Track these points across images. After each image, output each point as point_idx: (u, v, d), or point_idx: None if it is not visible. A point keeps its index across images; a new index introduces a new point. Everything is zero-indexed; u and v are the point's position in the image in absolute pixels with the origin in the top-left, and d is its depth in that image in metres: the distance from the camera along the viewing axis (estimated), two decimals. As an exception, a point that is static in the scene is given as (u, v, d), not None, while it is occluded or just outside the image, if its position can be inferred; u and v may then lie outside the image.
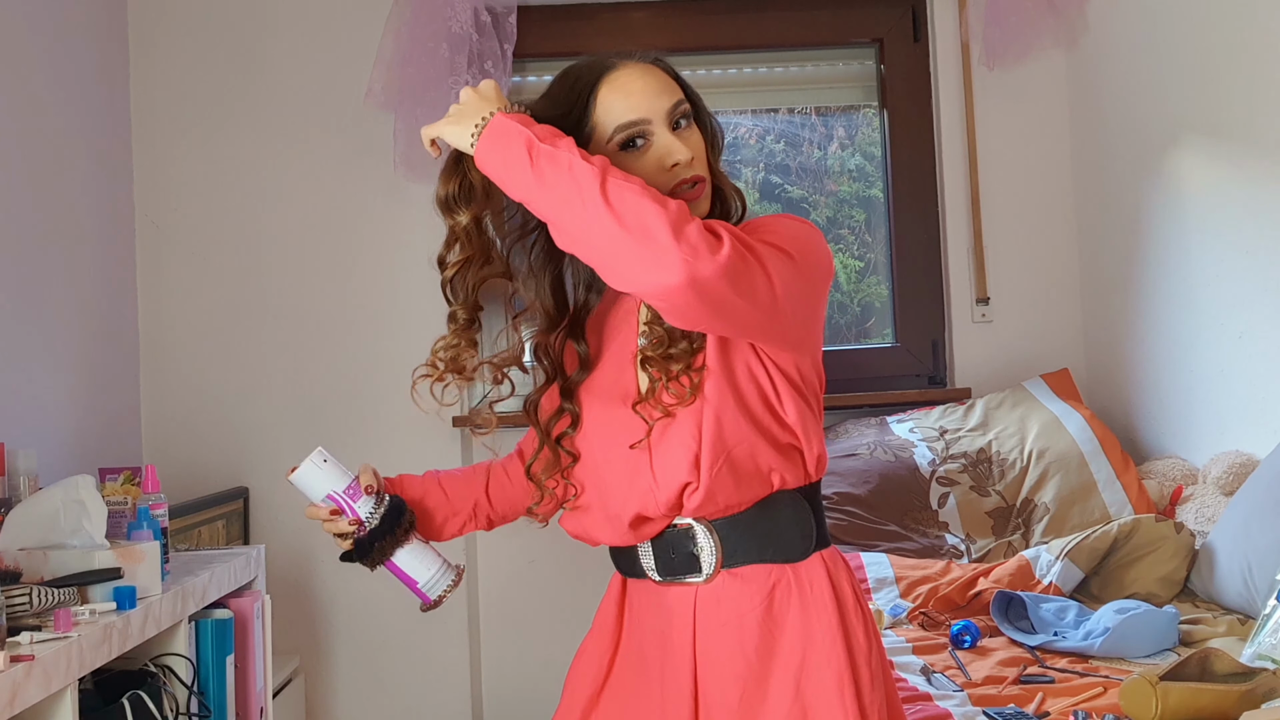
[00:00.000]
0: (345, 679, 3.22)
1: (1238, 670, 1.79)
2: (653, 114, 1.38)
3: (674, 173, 1.37)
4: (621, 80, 1.39)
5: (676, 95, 1.41)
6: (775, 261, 1.27)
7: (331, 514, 1.47)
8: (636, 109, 1.37)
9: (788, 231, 1.33)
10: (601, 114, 1.38)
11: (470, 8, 3.11)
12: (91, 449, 2.78)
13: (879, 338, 3.51)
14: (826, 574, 1.39)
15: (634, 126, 1.37)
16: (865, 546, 2.74)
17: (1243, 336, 2.65)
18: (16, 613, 1.59)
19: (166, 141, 3.20)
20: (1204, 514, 2.59)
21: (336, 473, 1.46)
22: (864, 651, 1.38)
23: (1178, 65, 2.83)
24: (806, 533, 1.40)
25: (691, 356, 1.36)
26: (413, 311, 3.23)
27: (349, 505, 1.44)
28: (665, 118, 1.38)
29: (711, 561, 1.39)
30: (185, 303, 3.20)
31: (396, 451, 3.22)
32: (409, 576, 1.47)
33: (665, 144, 1.38)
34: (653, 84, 1.39)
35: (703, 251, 1.19)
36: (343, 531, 1.47)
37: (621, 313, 1.47)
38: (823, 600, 1.38)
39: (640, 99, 1.38)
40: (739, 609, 1.38)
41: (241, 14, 3.24)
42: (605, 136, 1.38)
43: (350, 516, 1.44)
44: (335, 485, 1.45)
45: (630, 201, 1.21)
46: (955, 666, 2.14)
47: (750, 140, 3.56)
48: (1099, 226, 3.26)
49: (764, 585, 1.38)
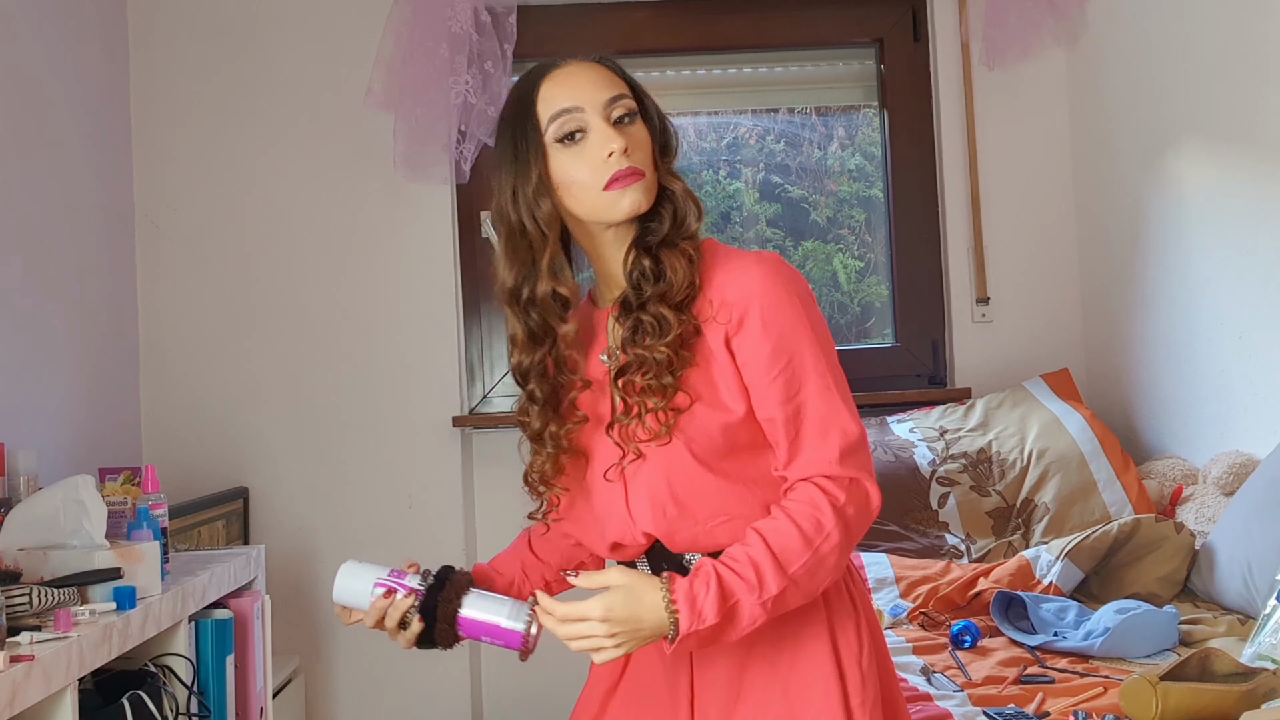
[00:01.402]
0: (345, 679, 3.22)
1: (1238, 670, 1.79)
2: (587, 104, 1.38)
3: (609, 162, 1.36)
4: (561, 75, 1.40)
5: (617, 90, 1.40)
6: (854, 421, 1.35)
7: (385, 597, 1.40)
8: (570, 97, 1.38)
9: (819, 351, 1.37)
10: (542, 108, 1.39)
11: (470, 8, 3.11)
12: (91, 449, 2.78)
13: (879, 338, 3.51)
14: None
15: (566, 114, 1.38)
16: (865, 546, 2.74)
17: (1243, 337, 2.65)
18: (16, 613, 1.59)
19: (166, 141, 3.20)
20: (1204, 514, 2.59)
21: (373, 567, 1.43)
22: (854, 652, 1.38)
23: (1178, 65, 2.83)
24: None
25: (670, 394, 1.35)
26: (413, 311, 3.23)
27: (398, 583, 1.40)
28: (602, 109, 1.38)
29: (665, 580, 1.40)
30: (185, 303, 3.20)
31: (396, 451, 3.23)
32: (487, 622, 1.37)
33: (601, 135, 1.37)
34: (592, 78, 1.40)
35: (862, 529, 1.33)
36: (404, 609, 1.40)
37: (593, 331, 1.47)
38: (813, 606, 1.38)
39: (576, 89, 1.39)
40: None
41: (242, 14, 3.24)
42: (543, 128, 1.39)
43: (404, 591, 1.39)
44: (377, 574, 1.42)
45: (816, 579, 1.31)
46: (955, 666, 2.14)
47: (750, 140, 3.56)
48: (1099, 226, 3.26)
49: None
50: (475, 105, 3.11)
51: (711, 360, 1.36)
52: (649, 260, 1.39)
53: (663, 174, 1.42)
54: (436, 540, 3.21)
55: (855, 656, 1.38)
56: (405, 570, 1.43)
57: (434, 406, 3.23)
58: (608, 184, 1.37)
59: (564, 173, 1.39)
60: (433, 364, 3.24)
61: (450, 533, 3.22)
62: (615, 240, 1.43)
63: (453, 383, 3.24)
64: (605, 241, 1.43)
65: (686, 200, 1.42)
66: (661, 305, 1.36)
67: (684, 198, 1.42)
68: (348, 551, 3.25)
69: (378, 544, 3.20)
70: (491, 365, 3.38)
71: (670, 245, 1.39)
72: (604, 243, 1.43)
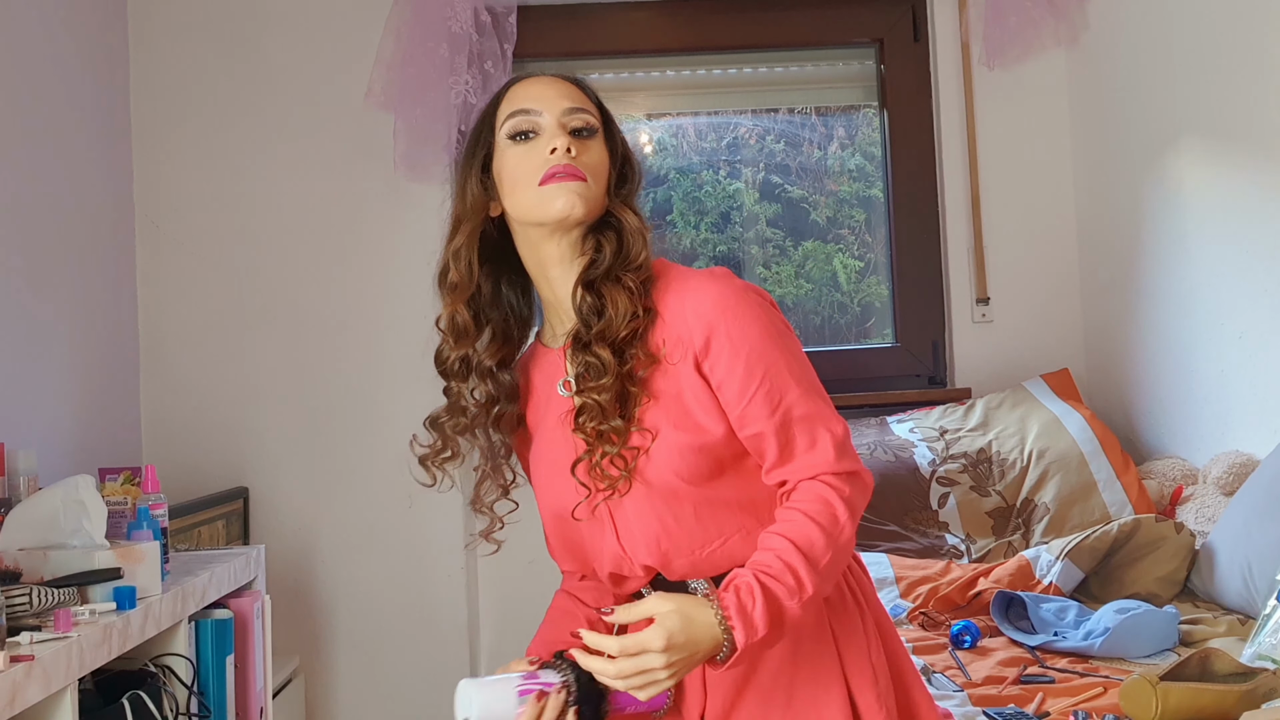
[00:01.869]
0: (345, 679, 3.22)
1: (1238, 670, 1.79)
2: (546, 108, 1.38)
3: (550, 157, 1.36)
4: (529, 82, 1.42)
5: (579, 103, 1.40)
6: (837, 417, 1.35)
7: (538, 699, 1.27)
8: (531, 99, 1.39)
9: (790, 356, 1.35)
10: (503, 108, 1.41)
11: (470, 8, 3.11)
12: (91, 449, 2.78)
13: (879, 338, 3.51)
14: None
15: (523, 114, 1.38)
16: (865, 546, 2.74)
17: (1243, 337, 2.65)
18: (16, 613, 1.59)
19: (166, 141, 3.20)
20: (1204, 514, 2.59)
21: (501, 680, 1.30)
22: (860, 647, 1.38)
23: (1178, 65, 2.83)
24: None
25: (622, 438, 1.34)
26: (413, 311, 3.23)
27: (540, 684, 1.28)
28: (559, 115, 1.38)
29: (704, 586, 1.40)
30: (185, 303, 3.20)
31: (396, 451, 3.22)
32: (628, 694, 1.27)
33: (550, 133, 1.37)
34: (558, 89, 1.41)
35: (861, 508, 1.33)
36: (560, 705, 1.28)
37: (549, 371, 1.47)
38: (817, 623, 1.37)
39: (539, 95, 1.40)
40: None
41: (242, 14, 3.24)
42: (498, 125, 1.40)
43: (553, 688, 1.28)
44: (513, 684, 1.28)
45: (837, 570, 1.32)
46: (955, 666, 2.14)
47: (750, 140, 3.56)
48: (1099, 226, 3.26)
49: None
50: (475, 105, 3.11)
51: (681, 386, 1.34)
52: (591, 296, 1.37)
53: (614, 202, 1.40)
54: (437, 540, 3.21)
55: (864, 651, 1.38)
56: (533, 669, 1.31)
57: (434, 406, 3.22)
58: (543, 179, 1.35)
59: (508, 169, 1.39)
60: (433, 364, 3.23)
61: (450, 533, 3.22)
62: (560, 260, 1.40)
63: (453, 383, 3.24)
64: (550, 259, 1.40)
65: (636, 236, 1.38)
66: (601, 346, 1.34)
67: (635, 233, 1.39)
68: (347, 551, 3.28)
69: (378, 544, 3.20)
70: (491, 365, 3.37)
71: (612, 280, 1.36)
72: (549, 260, 1.40)
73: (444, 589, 3.22)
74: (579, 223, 1.38)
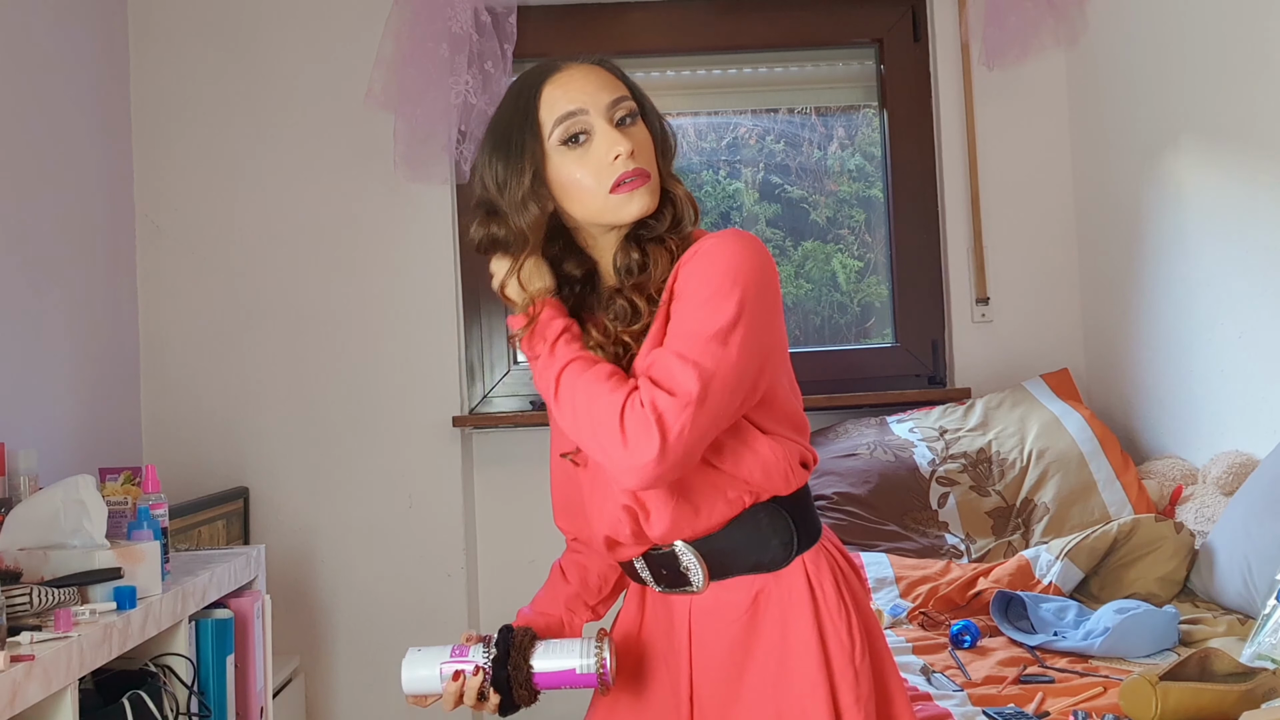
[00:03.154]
0: (345, 679, 3.22)
1: (1238, 670, 1.79)
2: (591, 106, 1.38)
3: (616, 165, 1.36)
4: (563, 79, 1.39)
5: (619, 92, 1.40)
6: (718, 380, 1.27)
7: (454, 680, 1.40)
8: (574, 100, 1.38)
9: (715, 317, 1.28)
10: (545, 112, 1.38)
11: (470, 8, 3.11)
12: (91, 449, 2.78)
13: (879, 338, 3.51)
14: (805, 576, 1.39)
15: (572, 117, 1.37)
16: (865, 546, 2.74)
17: (1243, 336, 2.65)
18: (16, 613, 1.59)
19: (166, 141, 3.20)
20: (1204, 514, 2.59)
21: (434, 650, 1.43)
22: (846, 650, 1.38)
23: (1178, 65, 2.83)
24: (786, 540, 1.40)
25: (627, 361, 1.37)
26: (413, 311, 3.23)
27: (463, 662, 1.40)
28: (605, 111, 1.38)
29: (700, 577, 1.41)
30: (185, 303, 3.20)
31: (396, 451, 3.23)
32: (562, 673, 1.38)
33: (606, 137, 1.37)
34: (594, 80, 1.39)
35: (647, 456, 1.25)
36: (479, 688, 1.39)
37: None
38: (800, 603, 1.38)
39: (579, 92, 1.38)
40: (727, 617, 1.41)
41: (242, 14, 3.24)
42: (546, 132, 1.38)
43: (472, 669, 1.39)
44: (441, 657, 1.42)
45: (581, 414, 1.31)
46: (955, 666, 2.15)
47: (750, 140, 3.56)
48: (1099, 226, 3.26)
49: (749, 594, 1.40)
50: (475, 105, 3.11)
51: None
52: (636, 253, 1.39)
53: (664, 176, 1.42)
54: (437, 540, 3.21)
55: (849, 654, 1.38)
56: (467, 645, 1.42)
57: (434, 406, 3.23)
58: (614, 187, 1.36)
59: (567, 176, 1.38)
60: (433, 364, 3.24)
61: (450, 533, 3.22)
62: (614, 242, 1.42)
63: (453, 383, 3.24)
64: (604, 245, 1.43)
65: (686, 204, 1.42)
66: (635, 294, 1.37)
67: (685, 201, 1.42)
68: (348, 551, 3.27)
69: (378, 544, 3.21)
70: (491, 365, 3.38)
71: (659, 242, 1.40)
72: (602, 246, 1.43)
73: (444, 589, 3.22)
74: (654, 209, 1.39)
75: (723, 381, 1.28)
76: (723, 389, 1.28)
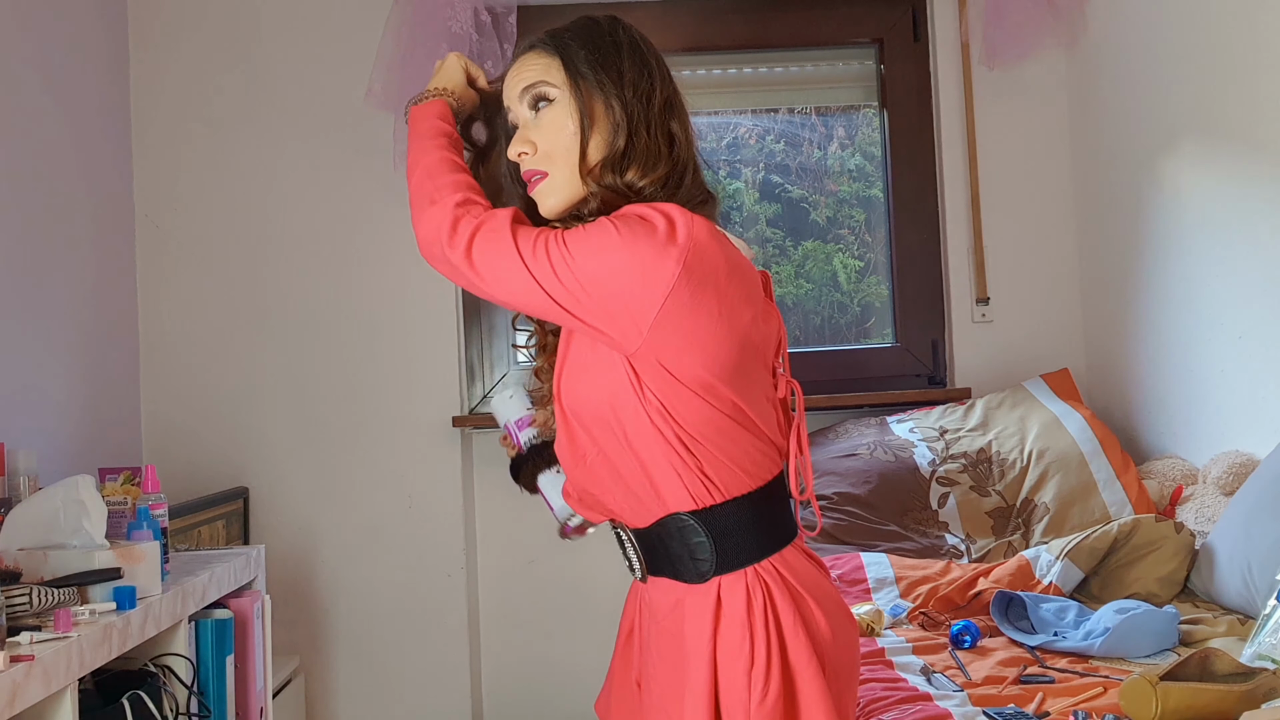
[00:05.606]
0: (345, 679, 3.22)
1: (1238, 670, 1.79)
2: (513, 101, 1.39)
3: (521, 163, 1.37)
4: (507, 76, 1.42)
5: (531, 77, 1.36)
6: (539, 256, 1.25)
7: (503, 440, 1.60)
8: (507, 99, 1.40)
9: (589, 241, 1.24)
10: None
11: (470, 8, 3.11)
12: (91, 449, 2.78)
13: (879, 338, 3.51)
14: (715, 601, 1.31)
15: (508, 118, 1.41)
16: (865, 546, 2.74)
17: (1243, 336, 2.65)
18: (16, 613, 1.59)
19: (166, 141, 3.20)
20: (1204, 514, 2.59)
21: (516, 405, 1.62)
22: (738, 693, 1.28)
23: (1178, 65, 2.83)
24: (701, 556, 1.32)
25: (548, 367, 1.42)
26: (413, 311, 3.23)
27: (515, 434, 1.60)
28: (519, 103, 1.38)
29: (639, 567, 1.40)
30: (185, 303, 3.20)
31: (396, 451, 3.23)
32: (547, 500, 1.58)
33: (516, 135, 1.38)
34: (519, 70, 1.39)
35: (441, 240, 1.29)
36: (511, 454, 1.60)
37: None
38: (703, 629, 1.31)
39: (508, 90, 1.40)
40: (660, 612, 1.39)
41: (242, 14, 3.24)
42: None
43: (514, 443, 1.60)
44: (511, 416, 1.61)
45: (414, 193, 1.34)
46: (955, 666, 2.14)
47: (750, 140, 3.56)
48: (1099, 227, 3.26)
49: (672, 597, 1.37)
50: (475, 105, 3.11)
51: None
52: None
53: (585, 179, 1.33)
54: (437, 540, 3.21)
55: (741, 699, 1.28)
56: (529, 423, 1.59)
57: (434, 407, 3.23)
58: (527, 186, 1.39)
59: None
60: (433, 364, 3.24)
61: (450, 533, 3.22)
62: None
63: (453, 383, 3.24)
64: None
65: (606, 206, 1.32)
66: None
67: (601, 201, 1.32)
68: (348, 551, 3.28)
69: (378, 544, 3.21)
70: (491, 365, 3.38)
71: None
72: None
73: (444, 589, 3.22)
74: (564, 213, 1.36)
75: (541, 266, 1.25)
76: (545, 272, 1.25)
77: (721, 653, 1.30)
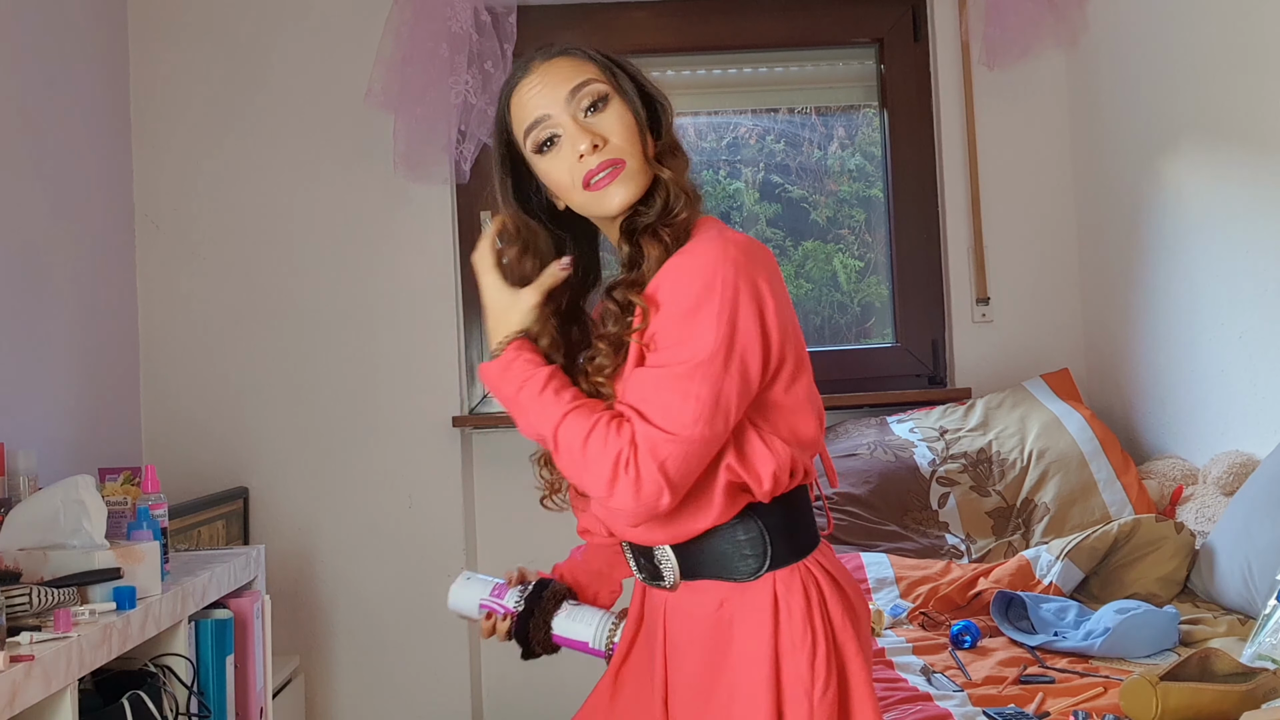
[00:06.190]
0: (345, 679, 3.22)
1: (1238, 670, 1.79)
2: (551, 108, 1.36)
3: (582, 164, 1.35)
4: (525, 85, 1.39)
5: (578, 79, 1.36)
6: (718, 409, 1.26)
7: (487, 619, 1.52)
8: (537, 107, 1.37)
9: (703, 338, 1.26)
10: (515, 126, 1.40)
11: (470, 8, 3.11)
12: (91, 449, 2.78)
13: (879, 338, 3.51)
14: (772, 596, 1.35)
15: (537, 126, 1.37)
16: (865, 546, 2.74)
17: (1243, 336, 2.65)
18: (16, 613, 1.59)
19: (166, 141, 3.20)
20: (1204, 514, 2.59)
21: (480, 583, 1.55)
22: (803, 683, 1.32)
23: (1178, 65, 2.83)
24: (758, 553, 1.36)
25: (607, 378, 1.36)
26: (413, 311, 3.23)
27: (498, 604, 1.52)
28: (567, 106, 1.36)
29: (673, 575, 1.40)
30: (185, 303, 3.20)
31: (396, 451, 3.23)
32: (576, 641, 1.49)
33: (571, 137, 1.36)
34: (554, 75, 1.37)
35: (660, 503, 1.27)
36: (507, 629, 1.52)
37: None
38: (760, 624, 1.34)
39: (539, 98, 1.37)
40: (696, 616, 1.39)
41: (242, 14, 3.24)
42: (522, 144, 1.39)
43: (502, 613, 1.51)
44: (482, 594, 1.53)
45: (574, 464, 1.30)
46: (955, 666, 2.14)
47: (750, 140, 3.56)
48: (1099, 227, 3.26)
49: (715, 598, 1.38)
50: (475, 105, 3.11)
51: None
52: (629, 246, 1.37)
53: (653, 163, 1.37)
54: (437, 540, 3.21)
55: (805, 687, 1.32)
56: (508, 586, 1.52)
57: (434, 406, 3.23)
58: (585, 185, 1.35)
59: (548, 178, 1.39)
60: (433, 364, 3.24)
61: (450, 533, 3.22)
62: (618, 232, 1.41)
63: (453, 383, 3.24)
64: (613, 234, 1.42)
65: (675, 189, 1.37)
66: (630, 291, 1.34)
67: (672, 186, 1.37)
68: (348, 551, 3.27)
69: (378, 544, 3.21)
70: (491, 365, 3.37)
71: (650, 233, 1.36)
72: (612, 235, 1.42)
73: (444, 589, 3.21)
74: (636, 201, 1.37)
75: (723, 408, 1.27)
76: (722, 416, 1.27)
77: (785, 647, 1.33)
